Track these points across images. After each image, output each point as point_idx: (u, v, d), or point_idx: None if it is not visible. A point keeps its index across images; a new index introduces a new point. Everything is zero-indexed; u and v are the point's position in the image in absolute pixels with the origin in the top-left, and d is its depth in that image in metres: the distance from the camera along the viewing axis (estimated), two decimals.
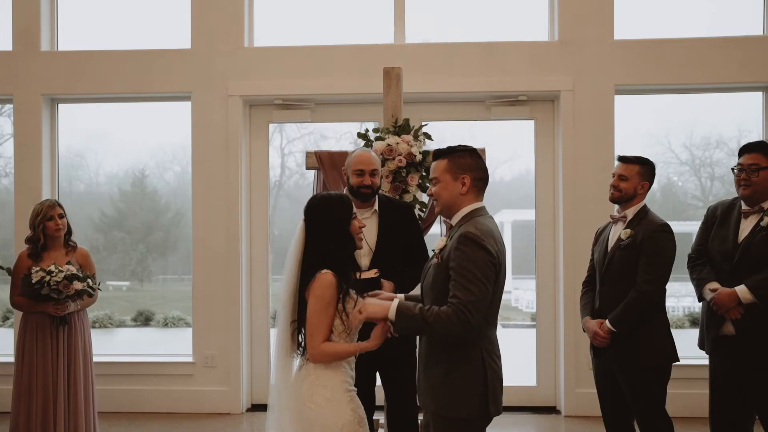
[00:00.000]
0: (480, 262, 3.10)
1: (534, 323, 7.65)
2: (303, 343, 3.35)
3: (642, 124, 7.50)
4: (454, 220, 3.34)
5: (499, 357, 3.33)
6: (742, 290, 4.16)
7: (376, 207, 4.60)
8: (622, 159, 4.50)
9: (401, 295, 3.48)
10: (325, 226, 3.33)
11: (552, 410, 7.05)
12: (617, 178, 4.44)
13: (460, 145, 3.39)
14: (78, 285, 5.14)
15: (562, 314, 6.91)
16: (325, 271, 3.26)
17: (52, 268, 5.10)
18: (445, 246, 3.25)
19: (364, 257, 4.40)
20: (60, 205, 5.45)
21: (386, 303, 3.23)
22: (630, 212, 4.39)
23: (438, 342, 3.24)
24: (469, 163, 3.33)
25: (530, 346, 7.45)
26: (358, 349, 3.28)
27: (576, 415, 6.80)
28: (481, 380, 3.21)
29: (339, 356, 3.28)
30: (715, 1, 7.29)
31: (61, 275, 5.07)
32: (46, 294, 5.06)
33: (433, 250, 3.36)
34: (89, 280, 5.25)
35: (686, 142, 8.06)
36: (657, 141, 7.80)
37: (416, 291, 3.60)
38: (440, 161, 3.34)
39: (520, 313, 18.73)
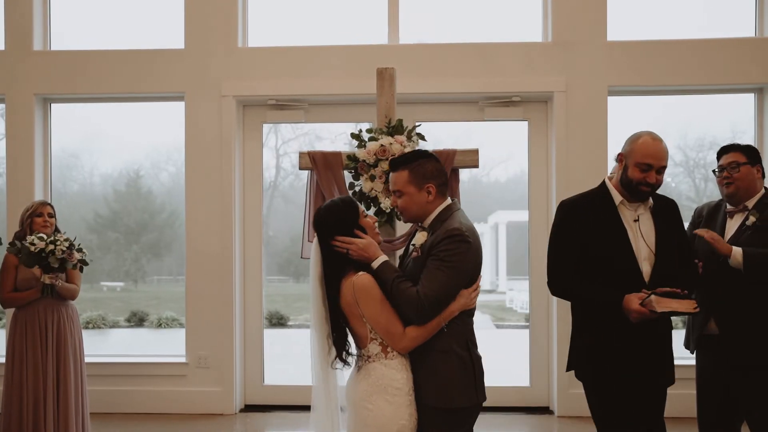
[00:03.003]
0: (461, 258, 3.17)
1: (527, 324, 7.66)
2: (347, 349, 3.32)
3: (636, 126, 7.50)
4: (427, 222, 3.34)
5: (476, 345, 3.37)
6: (737, 251, 4.09)
7: (651, 202, 3.79)
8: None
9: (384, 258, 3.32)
10: (336, 234, 3.28)
11: (545, 410, 7.05)
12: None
13: (416, 151, 3.41)
14: (77, 255, 5.30)
15: (555, 315, 6.91)
16: (358, 274, 3.23)
17: (53, 237, 5.22)
18: (425, 241, 3.26)
19: (644, 262, 3.65)
20: (52, 206, 5.55)
21: (378, 252, 3.26)
22: None
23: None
24: (431, 171, 3.32)
25: (524, 346, 7.45)
26: (442, 318, 3.18)
27: (569, 416, 6.80)
28: (470, 369, 3.26)
29: (430, 333, 3.20)
30: (707, 2, 7.31)
31: (66, 244, 5.21)
32: (47, 264, 5.16)
33: (413, 245, 3.35)
34: (84, 251, 5.39)
35: (680, 144, 8.08)
36: None
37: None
38: (400, 173, 3.32)
39: (515, 314, 18.79)
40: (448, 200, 3.38)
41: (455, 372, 3.23)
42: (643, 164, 3.64)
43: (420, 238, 3.30)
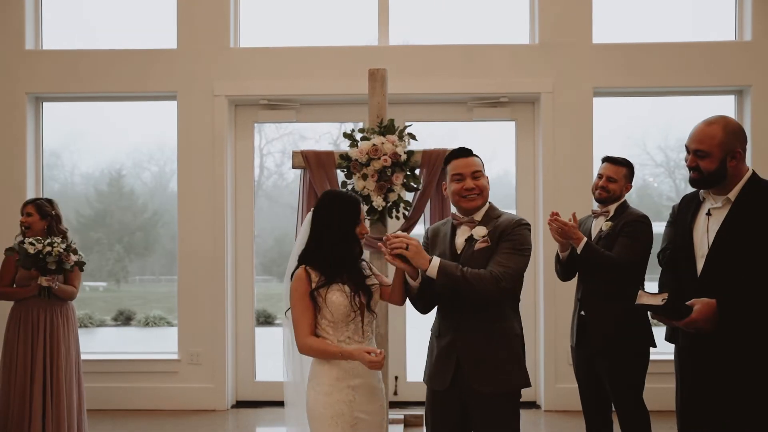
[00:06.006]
0: (528, 242, 3.42)
1: None
2: None
3: (619, 126, 7.65)
4: (479, 215, 3.52)
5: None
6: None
7: (731, 195, 3.30)
8: (611, 160, 4.62)
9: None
10: (325, 221, 3.40)
11: (532, 405, 7.18)
12: (605, 180, 4.57)
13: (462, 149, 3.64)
14: (74, 257, 5.34)
15: (542, 312, 7.04)
16: (301, 266, 3.40)
17: (50, 239, 5.27)
18: (489, 232, 3.45)
19: (700, 259, 3.31)
20: (34, 204, 5.56)
21: (428, 257, 3.33)
22: (612, 207, 4.57)
23: (489, 317, 3.41)
24: None
25: None
26: (339, 352, 3.30)
27: (555, 410, 6.94)
28: (523, 352, 3.50)
29: (321, 354, 3.35)
30: (690, 7, 7.47)
31: (63, 245, 5.26)
32: (43, 266, 5.20)
33: (472, 237, 3.47)
34: (80, 254, 5.45)
35: (661, 144, 8.22)
36: (633, 143, 7.95)
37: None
38: (477, 158, 3.57)
39: None
40: None
41: (523, 354, 3.50)
42: (686, 146, 3.38)
43: (481, 231, 3.46)
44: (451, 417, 3.48)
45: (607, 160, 4.65)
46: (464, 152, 3.57)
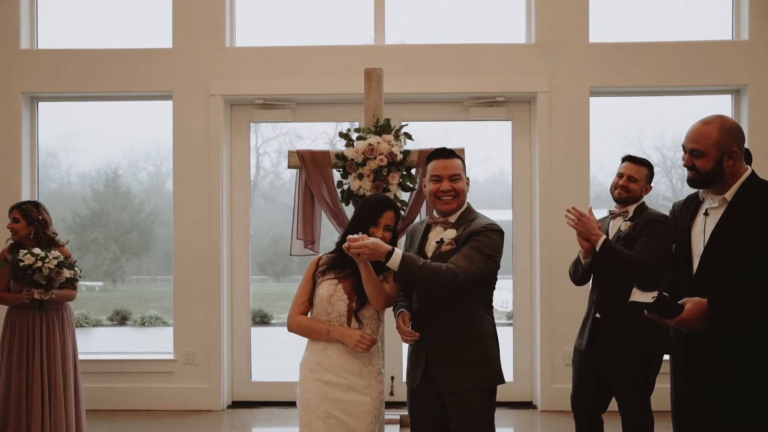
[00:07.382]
0: (496, 249, 3.46)
1: (510, 321, 7.78)
2: None
3: (615, 126, 7.65)
4: (453, 217, 3.59)
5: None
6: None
7: (728, 195, 3.28)
8: (633, 160, 4.50)
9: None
10: (354, 215, 3.60)
11: (528, 405, 7.18)
12: (626, 179, 4.44)
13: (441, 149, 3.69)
14: (67, 273, 5.28)
15: (539, 312, 7.04)
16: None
17: (44, 253, 5.19)
18: (458, 236, 3.49)
19: (696, 258, 3.31)
20: (19, 209, 5.49)
21: (388, 246, 3.31)
22: (631, 208, 4.45)
23: (459, 318, 3.48)
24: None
25: (507, 343, 7.55)
26: (327, 330, 3.44)
27: (551, 410, 6.93)
28: (497, 348, 3.56)
29: (307, 331, 3.50)
30: (687, 6, 7.47)
31: (55, 262, 5.18)
32: (34, 280, 5.14)
33: (441, 240, 3.53)
34: (76, 269, 5.39)
35: (658, 144, 8.21)
36: (629, 142, 7.94)
37: None
38: (457, 160, 3.60)
39: (496, 312, 18.92)
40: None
41: (497, 351, 3.54)
42: (683, 146, 3.39)
43: (451, 233, 3.51)
44: (429, 412, 3.57)
45: (628, 159, 4.53)
46: (445, 153, 3.60)
